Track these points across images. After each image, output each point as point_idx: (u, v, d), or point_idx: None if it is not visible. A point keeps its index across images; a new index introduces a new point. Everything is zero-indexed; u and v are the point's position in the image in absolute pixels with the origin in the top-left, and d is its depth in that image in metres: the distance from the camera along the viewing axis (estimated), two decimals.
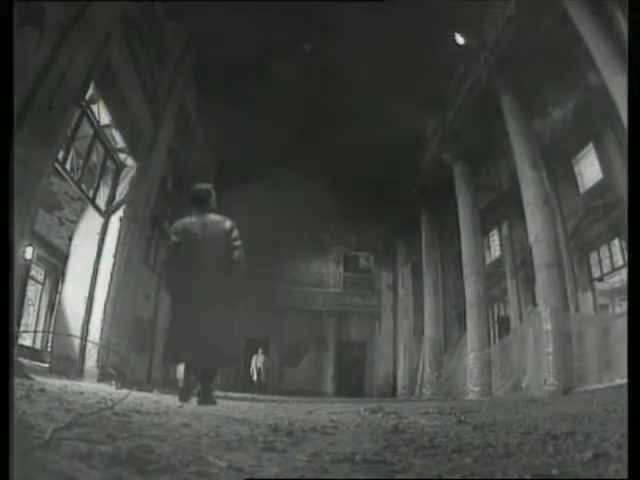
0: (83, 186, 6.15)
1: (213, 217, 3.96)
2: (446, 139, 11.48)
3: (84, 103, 5.52)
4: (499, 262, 12.92)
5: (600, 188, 9.28)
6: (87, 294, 5.97)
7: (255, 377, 13.99)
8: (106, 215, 6.53)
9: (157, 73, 7.63)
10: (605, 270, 9.33)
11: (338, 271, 19.00)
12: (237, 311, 4.03)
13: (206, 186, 4.17)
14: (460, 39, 9.33)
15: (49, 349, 9.40)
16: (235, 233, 3.91)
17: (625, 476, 0.91)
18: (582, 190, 10.03)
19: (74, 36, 4.30)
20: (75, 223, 7.27)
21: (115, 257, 6.29)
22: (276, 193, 14.73)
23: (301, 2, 8.21)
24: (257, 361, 14.26)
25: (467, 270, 10.07)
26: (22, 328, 11.72)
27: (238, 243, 3.88)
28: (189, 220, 3.95)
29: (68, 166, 5.63)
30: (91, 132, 6.13)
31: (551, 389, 6.36)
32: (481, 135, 10.63)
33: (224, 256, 3.80)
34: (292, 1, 8.11)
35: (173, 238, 3.87)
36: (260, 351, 14.38)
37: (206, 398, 3.57)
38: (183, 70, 8.85)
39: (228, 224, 3.93)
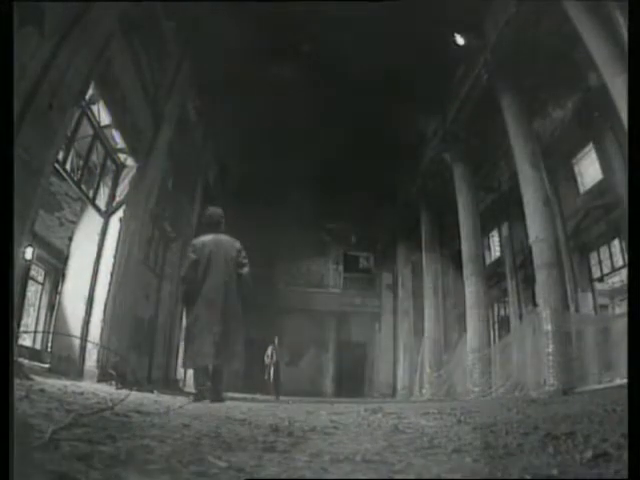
0: (83, 186, 6.14)
1: (225, 237, 4.62)
2: (446, 139, 11.47)
3: (84, 103, 5.51)
4: (499, 262, 12.92)
5: (600, 188, 9.29)
6: (87, 294, 5.95)
7: (271, 373, 12.12)
8: (106, 215, 6.52)
9: (157, 73, 7.63)
10: (605, 270, 9.33)
11: (338, 271, 18.98)
12: (242, 318, 4.58)
13: (219, 210, 4.85)
14: (460, 40, 9.33)
15: (49, 349, 9.39)
16: (243, 252, 4.57)
17: (625, 476, 0.91)
18: (582, 190, 10.04)
19: (74, 36, 4.29)
20: (75, 223, 7.26)
21: (115, 257, 6.28)
22: (276, 193, 14.77)
23: (301, 2, 8.20)
24: (272, 352, 12.35)
25: (467, 270, 10.07)
26: (22, 328, 11.72)
27: (246, 261, 4.53)
28: (206, 239, 4.55)
29: (68, 166, 5.62)
30: (91, 132, 6.12)
31: (551, 389, 6.35)
32: (481, 135, 10.64)
33: (234, 271, 4.43)
34: (292, 1, 8.11)
35: (192, 256, 4.43)
36: (276, 341, 12.63)
37: (218, 396, 4.05)
38: (183, 70, 8.85)
39: (238, 244, 4.59)
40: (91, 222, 6.40)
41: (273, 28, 8.96)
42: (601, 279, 9.47)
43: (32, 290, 13.30)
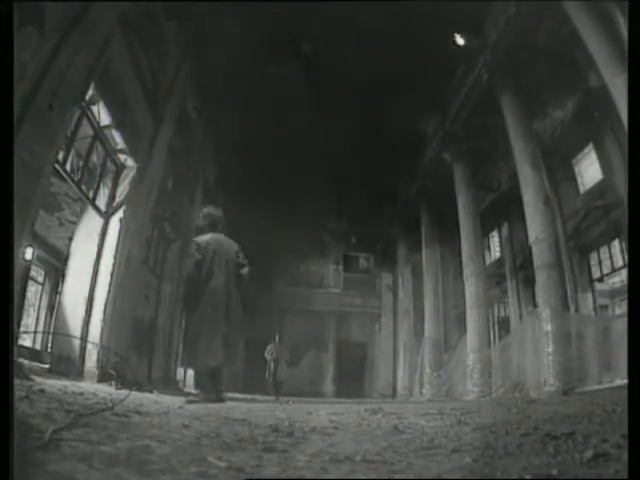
0: (83, 187, 6.13)
1: (224, 237, 4.62)
2: (446, 139, 11.48)
3: (84, 103, 5.51)
4: (499, 263, 12.92)
5: (600, 188, 9.30)
6: (87, 295, 5.95)
7: (271, 371, 11.92)
8: (106, 216, 6.51)
9: (157, 73, 7.63)
10: (605, 271, 9.33)
11: (338, 271, 18.98)
12: (241, 318, 4.61)
13: (219, 211, 4.85)
14: (460, 40, 9.33)
15: (49, 350, 9.39)
16: (241, 253, 4.61)
17: (625, 476, 0.91)
18: (582, 190, 10.05)
19: (74, 36, 4.29)
20: (75, 224, 7.26)
21: (115, 258, 6.27)
22: (276, 194, 14.77)
23: (301, 2, 8.21)
24: (273, 349, 12.07)
25: (467, 271, 10.07)
26: (22, 329, 11.71)
27: (246, 261, 4.58)
28: (207, 238, 4.52)
29: (68, 167, 5.61)
30: (91, 133, 6.12)
31: (551, 390, 6.35)
32: (481, 135, 10.64)
33: (235, 271, 4.45)
34: (292, 1, 8.11)
35: (197, 255, 4.36)
36: (277, 339, 12.37)
37: (218, 396, 4.06)
38: (183, 70, 8.84)
39: (236, 245, 4.61)
40: (91, 222, 6.39)
41: (273, 28, 8.96)
42: (601, 279, 9.47)
43: (32, 290, 13.29)
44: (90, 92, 5.42)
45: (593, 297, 9.41)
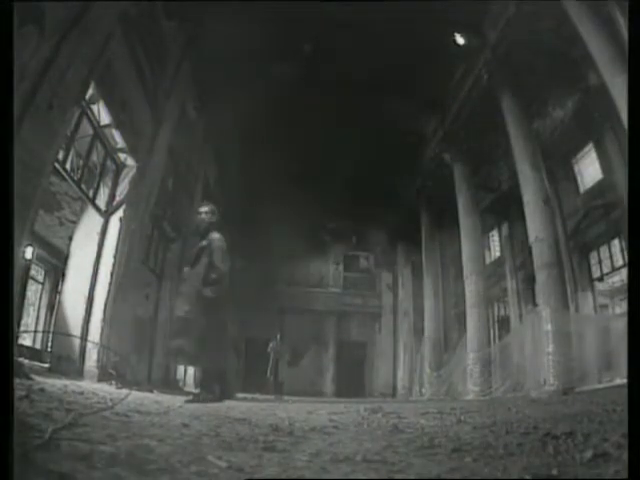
0: (83, 186, 6.13)
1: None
2: (446, 139, 11.48)
3: (84, 103, 5.51)
4: (499, 262, 12.92)
5: (600, 188, 9.30)
6: (87, 294, 5.95)
7: (272, 370, 11.75)
8: (106, 215, 6.51)
9: (157, 73, 7.63)
10: (605, 270, 9.33)
11: (338, 271, 18.97)
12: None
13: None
14: (460, 39, 9.33)
15: (49, 349, 9.39)
16: None
17: (625, 476, 0.91)
18: (582, 190, 10.05)
19: (74, 36, 4.29)
20: (75, 223, 7.26)
21: (115, 257, 6.28)
22: (276, 193, 14.76)
23: (301, 2, 8.20)
24: (275, 349, 11.84)
25: (467, 270, 10.07)
26: (22, 328, 11.71)
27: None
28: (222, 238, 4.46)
29: (68, 166, 5.62)
30: (91, 132, 6.13)
31: (551, 389, 6.35)
32: (481, 135, 10.64)
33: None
34: (292, 1, 8.11)
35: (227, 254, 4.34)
36: (278, 337, 12.06)
37: (223, 396, 4.17)
38: (183, 70, 8.84)
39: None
40: (91, 222, 6.39)
41: (274, 28, 8.96)
42: (601, 279, 9.47)
43: (32, 290, 13.28)
44: (90, 91, 5.42)
45: (593, 296, 9.41)
